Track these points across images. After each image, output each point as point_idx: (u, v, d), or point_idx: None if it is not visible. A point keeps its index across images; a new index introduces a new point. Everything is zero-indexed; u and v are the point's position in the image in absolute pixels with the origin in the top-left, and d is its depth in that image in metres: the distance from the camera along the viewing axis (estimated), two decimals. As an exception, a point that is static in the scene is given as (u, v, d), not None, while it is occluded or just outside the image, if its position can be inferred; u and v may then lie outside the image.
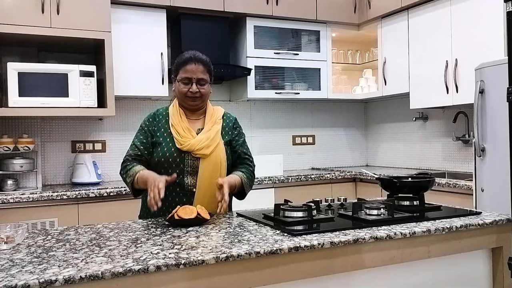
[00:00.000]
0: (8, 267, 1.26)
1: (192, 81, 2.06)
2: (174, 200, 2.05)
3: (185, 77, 2.06)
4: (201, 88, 2.07)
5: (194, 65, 2.06)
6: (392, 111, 4.53)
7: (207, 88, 2.10)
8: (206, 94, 2.10)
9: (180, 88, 2.08)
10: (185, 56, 2.10)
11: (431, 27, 3.59)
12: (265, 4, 3.90)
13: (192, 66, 2.06)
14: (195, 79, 2.06)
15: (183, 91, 2.07)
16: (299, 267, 1.45)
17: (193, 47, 3.69)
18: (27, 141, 3.28)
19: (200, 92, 2.07)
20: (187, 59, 2.08)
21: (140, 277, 1.25)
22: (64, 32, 3.17)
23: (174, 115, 2.10)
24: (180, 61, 2.10)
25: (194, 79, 2.06)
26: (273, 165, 3.85)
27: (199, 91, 2.07)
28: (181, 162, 2.04)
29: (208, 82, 2.11)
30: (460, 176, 3.64)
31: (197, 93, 2.07)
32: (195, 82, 2.06)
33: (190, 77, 2.06)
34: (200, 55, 2.11)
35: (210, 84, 2.13)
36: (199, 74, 2.06)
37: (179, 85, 2.08)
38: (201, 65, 2.07)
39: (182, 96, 2.09)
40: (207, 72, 2.10)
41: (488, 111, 2.67)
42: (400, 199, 2.05)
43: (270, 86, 4.04)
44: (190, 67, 2.06)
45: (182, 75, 2.07)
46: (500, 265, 1.83)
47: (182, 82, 2.07)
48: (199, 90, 2.06)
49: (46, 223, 2.96)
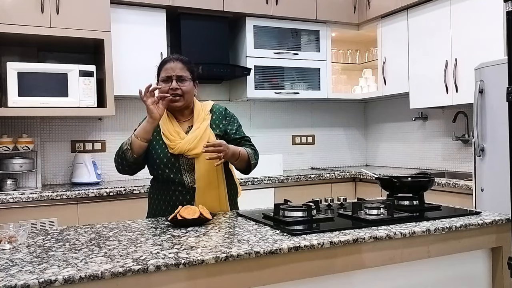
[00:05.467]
0: (8, 267, 1.26)
1: (172, 78, 2.06)
2: (178, 198, 2.06)
3: (164, 75, 2.08)
4: (182, 86, 2.06)
5: (172, 63, 2.08)
6: (391, 111, 4.53)
7: (189, 86, 2.09)
8: (188, 92, 2.08)
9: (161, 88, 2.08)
10: (165, 58, 2.14)
11: (431, 27, 3.59)
12: (265, 4, 3.90)
13: (171, 64, 2.08)
14: (174, 76, 2.06)
15: (164, 90, 2.05)
16: (299, 267, 1.45)
17: (193, 47, 3.74)
18: (26, 141, 3.28)
19: (181, 90, 2.06)
20: (166, 60, 2.12)
21: (139, 277, 1.25)
22: (63, 32, 3.17)
23: (163, 120, 2.10)
24: (161, 62, 2.14)
25: (173, 76, 2.06)
26: (272, 165, 3.84)
27: (180, 89, 2.06)
28: (176, 161, 2.05)
29: (189, 80, 2.10)
30: (460, 176, 3.64)
31: (178, 90, 2.05)
32: (175, 79, 2.06)
33: (169, 74, 2.07)
34: (179, 55, 2.14)
35: (194, 83, 2.13)
36: (178, 71, 2.07)
37: (161, 85, 2.08)
38: (180, 63, 2.09)
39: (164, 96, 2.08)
40: (188, 70, 2.10)
41: (487, 111, 2.67)
42: (399, 199, 2.05)
43: (269, 86, 4.04)
44: (169, 65, 2.08)
45: (163, 74, 2.09)
46: (500, 265, 1.83)
47: (162, 81, 2.08)
48: (180, 87, 2.06)
49: (45, 223, 2.96)
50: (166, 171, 2.05)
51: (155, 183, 2.16)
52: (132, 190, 3.16)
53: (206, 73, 3.62)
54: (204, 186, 2.04)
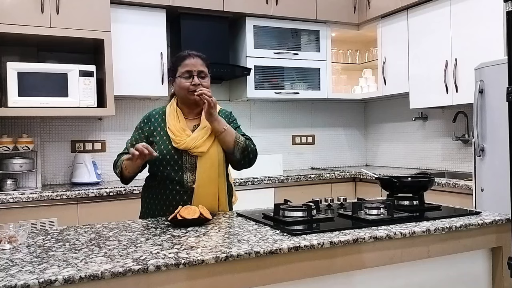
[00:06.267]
0: (8, 267, 1.26)
1: (193, 74, 2.07)
2: (175, 198, 2.05)
3: (185, 71, 2.07)
4: (203, 81, 2.08)
5: (193, 59, 2.09)
6: (391, 111, 4.53)
7: (208, 82, 2.11)
8: (207, 88, 2.09)
9: (181, 84, 2.08)
10: (182, 53, 2.14)
11: (431, 27, 3.59)
12: (265, 4, 3.90)
13: (191, 60, 2.09)
14: (195, 72, 2.07)
15: (185, 86, 2.06)
16: (299, 267, 1.45)
17: (193, 47, 3.69)
18: (26, 141, 3.28)
19: (202, 85, 2.07)
20: (185, 55, 2.11)
21: (139, 277, 1.25)
22: (63, 32, 3.17)
23: (170, 115, 2.10)
24: (179, 58, 2.13)
25: (194, 71, 2.07)
26: (272, 165, 3.84)
27: (200, 84, 2.07)
28: (179, 159, 2.04)
29: (208, 76, 2.12)
30: (460, 176, 3.64)
31: (200, 86, 2.06)
32: (196, 75, 2.07)
33: (190, 70, 2.07)
34: (196, 52, 2.15)
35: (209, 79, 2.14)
36: (199, 67, 2.08)
37: (180, 81, 2.08)
38: (199, 59, 2.11)
39: (185, 92, 2.07)
40: (206, 66, 2.12)
41: (487, 111, 2.67)
42: (399, 199, 2.05)
43: (269, 86, 4.04)
44: (189, 61, 2.08)
45: (182, 70, 2.08)
46: (500, 265, 1.83)
47: (183, 77, 2.08)
48: (201, 83, 2.07)
49: (45, 223, 2.96)
50: (168, 168, 2.04)
51: (151, 181, 2.15)
52: (132, 190, 3.16)
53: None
54: (204, 185, 2.04)
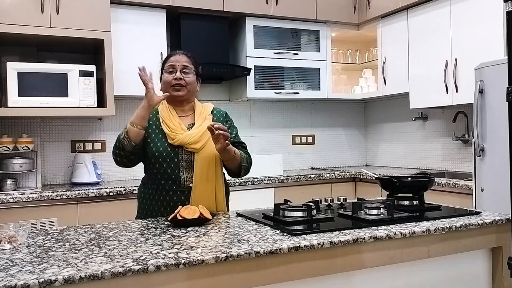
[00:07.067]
0: (8, 267, 1.26)
1: (176, 69, 2.10)
2: (172, 198, 2.04)
3: (169, 65, 2.11)
4: (186, 77, 2.10)
5: (178, 55, 2.14)
6: (391, 111, 4.53)
7: (192, 78, 2.12)
8: (190, 84, 2.11)
9: (165, 78, 2.12)
10: (170, 53, 2.20)
11: (431, 27, 3.59)
12: (265, 4, 3.90)
13: (176, 56, 2.14)
14: (179, 66, 2.10)
15: (168, 80, 2.10)
16: (299, 267, 1.45)
17: (193, 47, 3.74)
18: (26, 141, 3.28)
19: (185, 81, 2.09)
20: (171, 53, 2.19)
21: (139, 277, 1.25)
22: (63, 32, 3.17)
23: (164, 110, 2.12)
24: (166, 57, 2.19)
25: (178, 66, 2.10)
26: (272, 165, 3.84)
27: (183, 80, 2.08)
28: (176, 156, 2.04)
29: (193, 73, 2.13)
30: (460, 176, 3.64)
31: (182, 81, 2.08)
32: (179, 69, 2.09)
33: (174, 64, 2.10)
34: (184, 51, 2.19)
35: (196, 78, 2.15)
36: (183, 62, 2.11)
37: (164, 76, 2.13)
38: (184, 56, 2.14)
39: (167, 86, 2.10)
40: (192, 63, 2.14)
41: (487, 111, 2.67)
42: (399, 199, 2.05)
43: (269, 86, 4.04)
44: (174, 58, 2.14)
45: (166, 65, 2.13)
46: (500, 265, 1.83)
47: (167, 71, 2.11)
48: (183, 78, 2.08)
49: (45, 223, 2.96)
50: (164, 166, 2.04)
51: (148, 181, 2.14)
52: (132, 190, 3.16)
53: (206, 73, 3.61)
54: (201, 183, 2.03)
